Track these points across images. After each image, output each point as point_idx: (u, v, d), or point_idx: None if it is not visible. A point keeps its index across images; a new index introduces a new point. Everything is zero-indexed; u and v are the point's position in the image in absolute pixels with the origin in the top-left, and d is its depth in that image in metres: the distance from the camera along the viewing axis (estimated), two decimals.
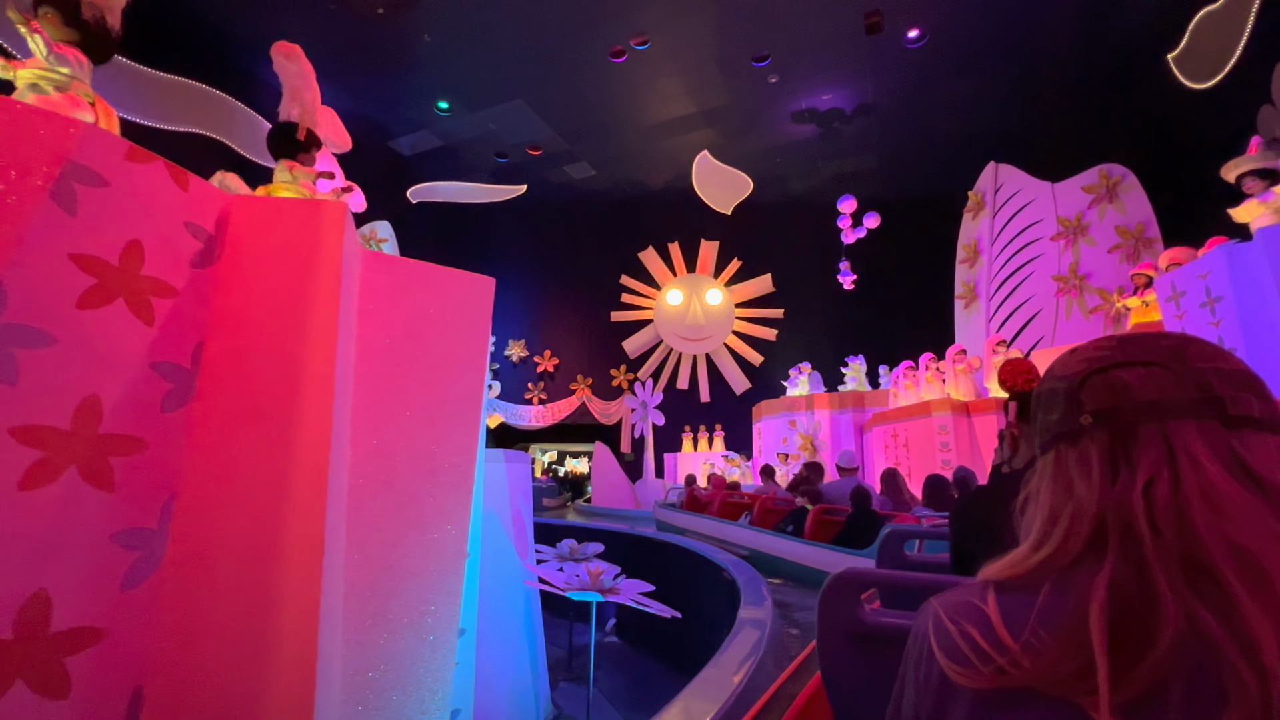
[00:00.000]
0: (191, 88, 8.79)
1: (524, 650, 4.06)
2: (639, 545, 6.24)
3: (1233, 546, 0.41)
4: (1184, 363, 0.48)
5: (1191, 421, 0.46)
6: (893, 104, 10.70)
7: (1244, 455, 0.44)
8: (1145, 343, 0.51)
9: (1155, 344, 0.50)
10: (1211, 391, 0.46)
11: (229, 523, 1.41)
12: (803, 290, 13.83)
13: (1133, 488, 0.45)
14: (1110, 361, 0.51)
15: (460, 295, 2.32)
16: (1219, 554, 0.41)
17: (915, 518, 3.95)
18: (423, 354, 2.13)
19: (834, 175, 12.96)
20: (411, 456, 2.00)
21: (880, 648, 1.02)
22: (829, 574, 1.09)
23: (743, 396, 13.45)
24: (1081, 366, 0.53)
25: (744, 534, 5.60)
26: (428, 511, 1.99)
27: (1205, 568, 0.41)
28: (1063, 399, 0.53)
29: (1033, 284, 8.83)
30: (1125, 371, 0.50)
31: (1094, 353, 0.53)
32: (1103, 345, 0.53)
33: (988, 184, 9.81)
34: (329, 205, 1.73)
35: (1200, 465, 0.44)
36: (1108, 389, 0.50)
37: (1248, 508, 0.42)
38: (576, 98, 10.67)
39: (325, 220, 1.70)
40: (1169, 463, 0.45)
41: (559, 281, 14.42)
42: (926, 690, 0.50)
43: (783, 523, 5.28)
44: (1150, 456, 0.46)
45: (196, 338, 1.53)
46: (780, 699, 1.25)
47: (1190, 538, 0.42)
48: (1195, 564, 0.42)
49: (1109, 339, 0.54)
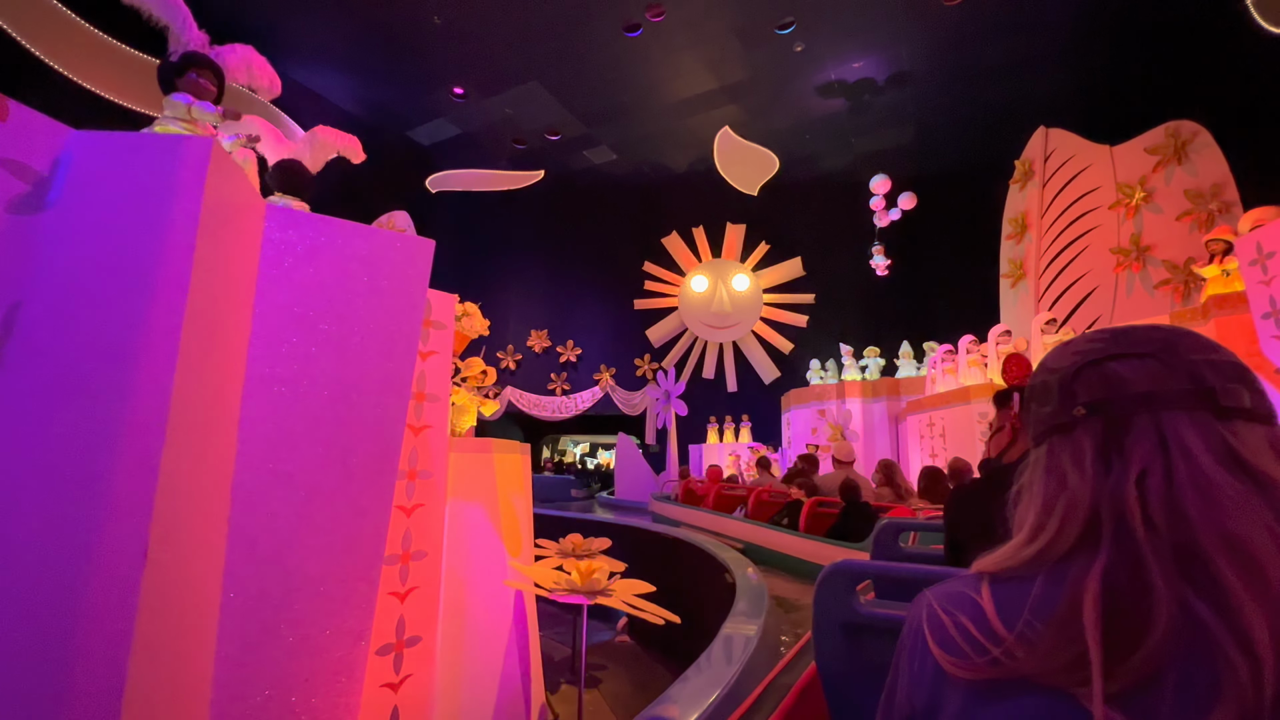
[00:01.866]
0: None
1: (512, 652, 3.79)
2: (651, 542, 5.92)
3: (1225, 537, 0.42)
4: (1176, 354, 0.49)
5: (1184, 413, 0.46)
6: (930, 71, 9.94)
7: (1236, 446, 0.45)
8: (1137, 335, 0.52)
9: (1148, 336, 0.51)
10: (1204, 383, 0.47)
11: (32, 520, 1.14)
12: (836, 273, 13.16)
13: (1126, 479, 0.46)
14: (1103, 354, 0.52)
15: (391, 260, 2.01)
16: (1211, 545, 0.42)
17: (911, 510, 3.84)
18: (340, 326, 1.84)
19: (868, 152, 12.23)
20: (318, 445, 1.71)
21: (874, 639, 1.02)
22: (824, 566, 1.10)
23: (771, 386, 12.92)
24: (1074, 359, 0.53)
25: (739, 526, 5.57)
26: (337, 508, 1.70)
27: (1198, 558, 0.42)
28: (1056, 391, 0.53)
29: (1088, 258, 8.02)
30: (1118, 364, 0.50)
31: (1086, 345, 0.54)
32: (1095, 338, 0.54)
33: (1037, 151, 8.99)
34: (191, 141, 1.43)
35: (1193, 456, 0.44)
36: (1101, 381, 0.50)
37: (1240, 498, 0.43)
38: (592, 77, 10.31)
39: (185, 158, 1.40)
40: (1162, 454, 0.45)
41: (581, 270, 14.14)
42: (921, 681, 0.51)
43: (778, 515, 5.29)
44: (1143, 448, 0.46)
45: (11, 298, 1.26)
46: (775, 689, 1.24)
47: (1183, 528, 0.43)
48: (1188, 554, 0.42)
49: (1101, 333, 0.54)
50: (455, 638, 3.59)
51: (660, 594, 3.03)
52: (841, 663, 1.05)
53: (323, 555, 1.64)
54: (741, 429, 11.97)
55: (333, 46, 9.73)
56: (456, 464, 3.83)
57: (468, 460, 3.88)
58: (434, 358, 2.70)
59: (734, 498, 6.62)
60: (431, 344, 2.70)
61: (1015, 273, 9.10)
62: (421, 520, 2.54)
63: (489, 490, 3.96)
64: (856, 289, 12.83)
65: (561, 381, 13.58)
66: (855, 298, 12.89)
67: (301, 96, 10.43)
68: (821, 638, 1.06)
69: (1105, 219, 7.92)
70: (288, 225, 1.83)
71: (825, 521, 4.71)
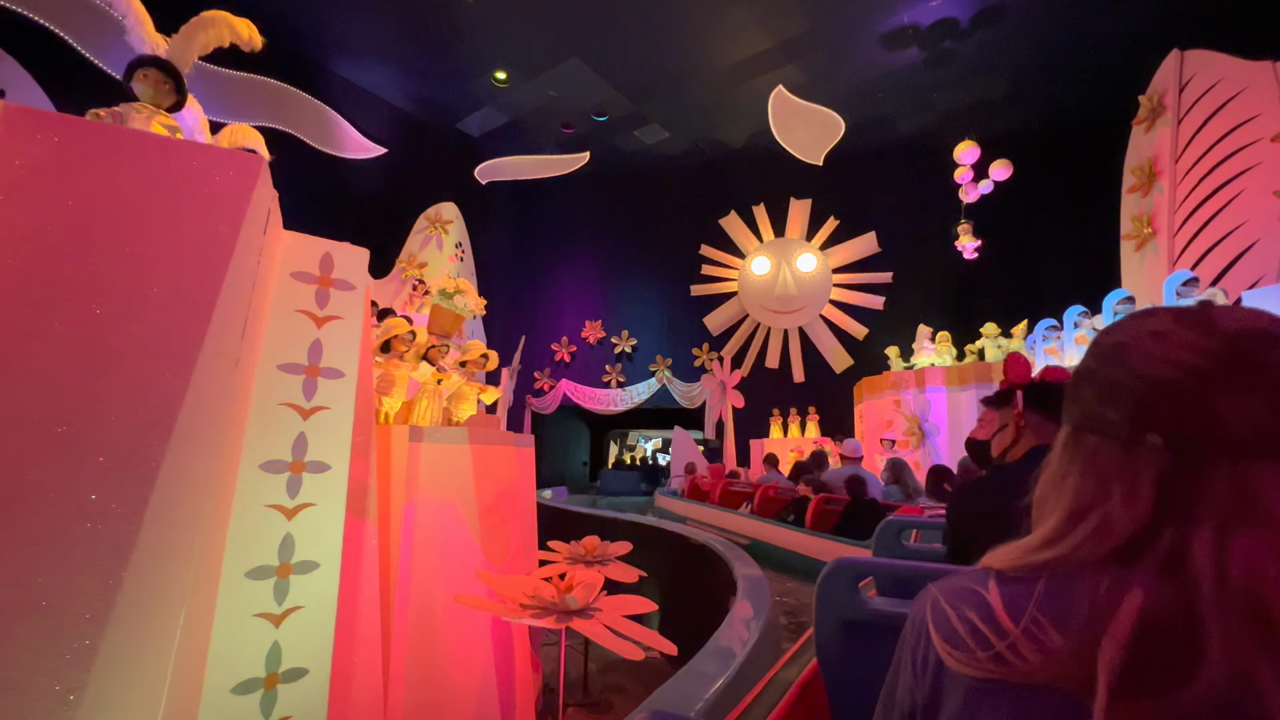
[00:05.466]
0: (255, 82, 9.05)
1: (491, 676, 3.26)
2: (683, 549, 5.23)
3: None
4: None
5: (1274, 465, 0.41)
6: (1023, 2, 8.44)
7: None
8: (1256, 356, 0.42)
9: (1266, 358, 0.42)
10: None
11: None
12: (917, 248, 11.72)
13: (1196, 525, 0.42)
14: (1208, 378, 0.43)
15: (190, 180, 1.49)
16: None
17: (919, 508, 3.78)
18: (94, 264, 1.34)
19: (951, 109, 10.73)
20: (28, 419, 1.22)
21: (875, 635, 1.05)
22: None
23: (843, 375, 11.73)
24: (1169, 372, 0.44)
25: (745, 522, 5.55)
26: (50, 504, 1.19)
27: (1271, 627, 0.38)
28: (1130, 401, 0.46)
29: (1244, 206, 6.37)
30: (1222, 398, 0.42)
31: (1189, 356, 0.44)
32: (1203, 347, 0.44)
33: (1170, 81, 7.34)
34: None
35: None
36: (1192, 418, 0.43)
37: None
38: (634, 48, 9.66)
39: None
40: (1242, 507, 0.41)
41: (636, 257, 13.53)
42: (923, 675, 0.49)
43: (784, 511, 5.31)
44: (1220, 496, 0.41)
45: None
46: (777, 684, 1.25)
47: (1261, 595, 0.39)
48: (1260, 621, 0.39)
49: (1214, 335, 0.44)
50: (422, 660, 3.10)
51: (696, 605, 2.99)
52: (842, 658, 1.07)
53: (14, 566, 1.13)
54: (808, 422, 10.92)
55: (377, 41, 9.73)
56: (426, 457, 3.35)
57: (438, 453, 3.39)
58: (336, 324, 2.18)
59: (740, 494, 6.66)
60: (333, 307, 2.19)
61: (1141, 231, 7.49)
62: (312, 524, 2.03)
63: (463, 487, 3.45)
64: (941, 265, 11.34)
65: (616, 373, 13.06)
66: (940, 275, 11.40)
67: (354, 95, 10.56)
68: (823, 633, 1.09)
69: (1268, 154, 6.24)
70: (34, 127, 1.34)
71: (831, 518, 4.73)
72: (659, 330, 13.17)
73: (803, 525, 4.86)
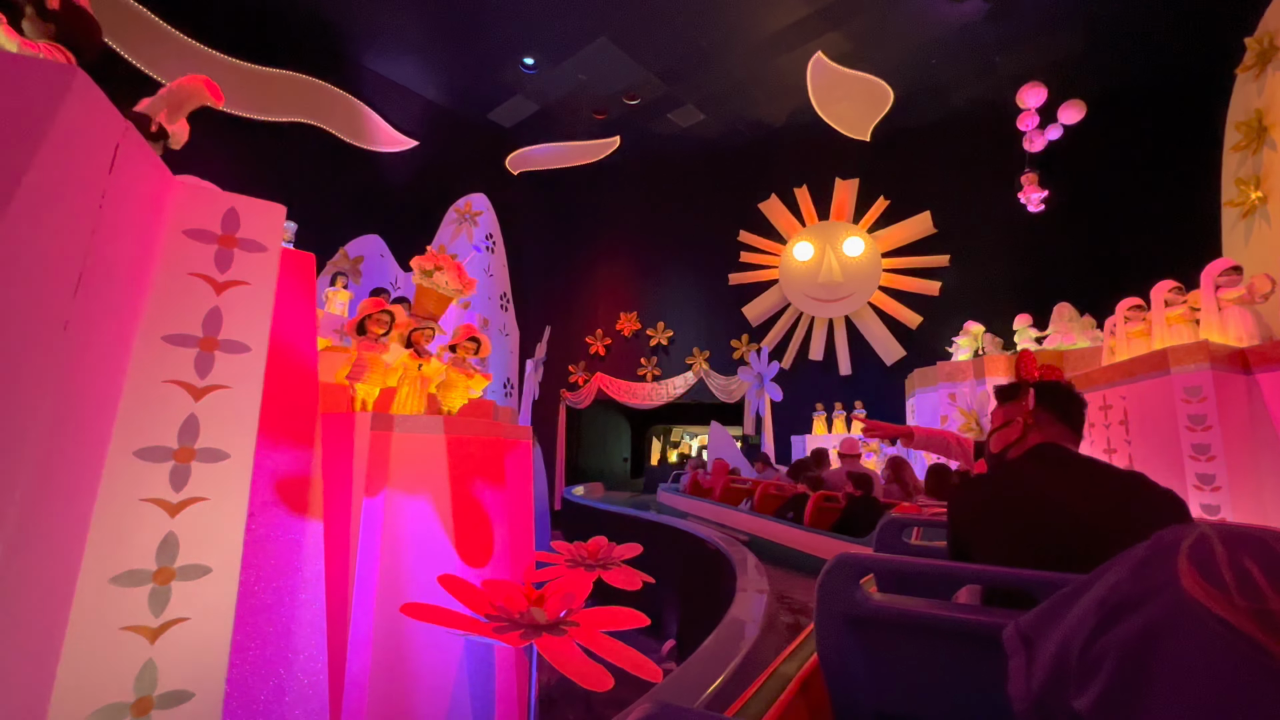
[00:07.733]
0: (288, 78, 9.13)
1: (461, 695, 2.94)
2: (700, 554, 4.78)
3: None
4: None
5: None
6: None
7: None
8: None
9: None
10: None
11: None
12: (977, 228, 10.73)
13: None
14: None
15: None
16: None
17: (917, 507, 3.77)
18: None
19: (1017, 73, 9.70)
20: None
21: (876, 631, 1.05)
22: None
23: (895, 367, 10.88)
24: None
25: (745, 519, 5.53)
26: None
27: None
28: None
29: None
30: None
31: None
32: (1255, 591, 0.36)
33: None
34: None
35: None
36: None
37: None
38: (664, 22, 9.18)
39: None
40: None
41: (671, 246, 13.02)
42: (1136, 584, 0.41)
43: (783, 508, 5.36)
44: None
45: None
46: (777, 678, 1.25)
47: None
48: None
49: None
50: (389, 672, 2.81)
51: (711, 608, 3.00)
52: (843, 654, 1.07)
53: None
54: (854, 418, 10.17)
55: (405, 33, 9.66)
56: (397, 448, 3.06)
57: (411, 444, 3.09)
58: (240, 290, 1.87)
59: (740, 490, 6.71)
60: (236, 271, 1.89)
61: (1247, 196, 6.43)
62: (201, 522, 1.73)
63: (438, 481, 3.13)
64: (1008, 245, 10.32)
65: (652, 367, 12.63)
66: (1005, 255, 10.38)
67: (386, 89, 10.57)
68: (824, 629, 1.09)
69: None
70: None
71: (830, 516, 4.75)
72: (696, 322, 12.65)
73: (802, 522, 4.88)
